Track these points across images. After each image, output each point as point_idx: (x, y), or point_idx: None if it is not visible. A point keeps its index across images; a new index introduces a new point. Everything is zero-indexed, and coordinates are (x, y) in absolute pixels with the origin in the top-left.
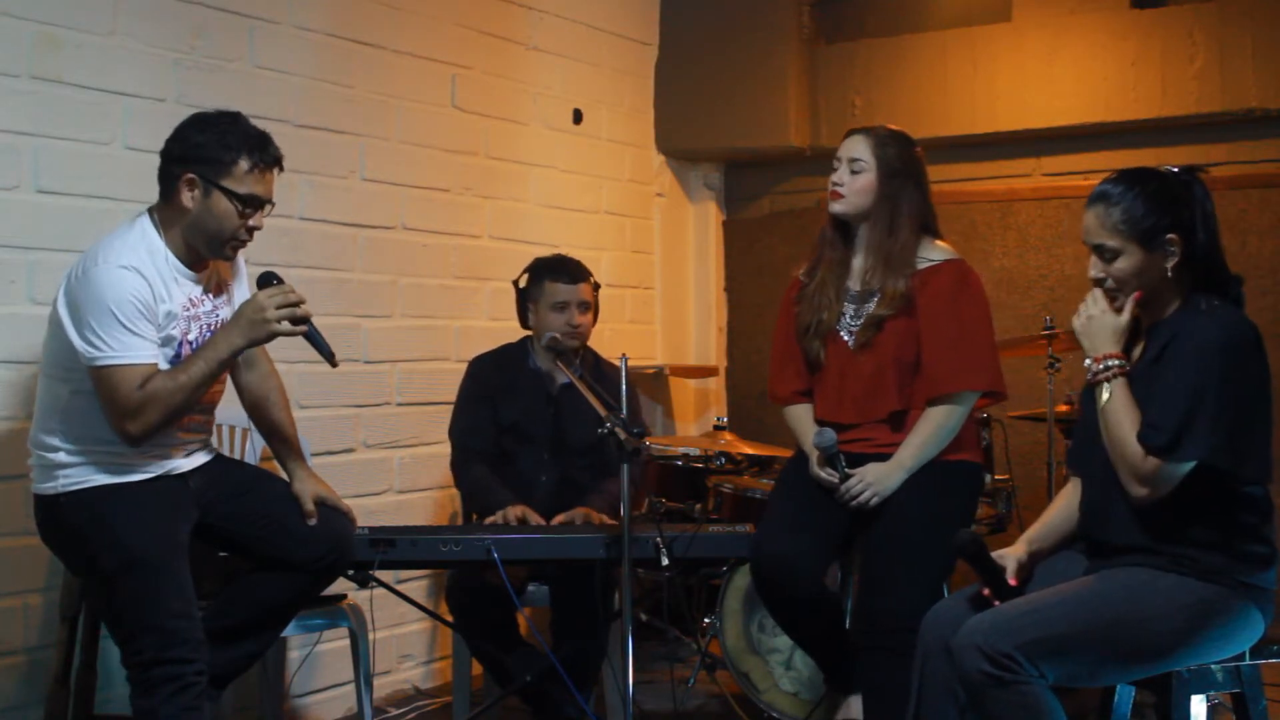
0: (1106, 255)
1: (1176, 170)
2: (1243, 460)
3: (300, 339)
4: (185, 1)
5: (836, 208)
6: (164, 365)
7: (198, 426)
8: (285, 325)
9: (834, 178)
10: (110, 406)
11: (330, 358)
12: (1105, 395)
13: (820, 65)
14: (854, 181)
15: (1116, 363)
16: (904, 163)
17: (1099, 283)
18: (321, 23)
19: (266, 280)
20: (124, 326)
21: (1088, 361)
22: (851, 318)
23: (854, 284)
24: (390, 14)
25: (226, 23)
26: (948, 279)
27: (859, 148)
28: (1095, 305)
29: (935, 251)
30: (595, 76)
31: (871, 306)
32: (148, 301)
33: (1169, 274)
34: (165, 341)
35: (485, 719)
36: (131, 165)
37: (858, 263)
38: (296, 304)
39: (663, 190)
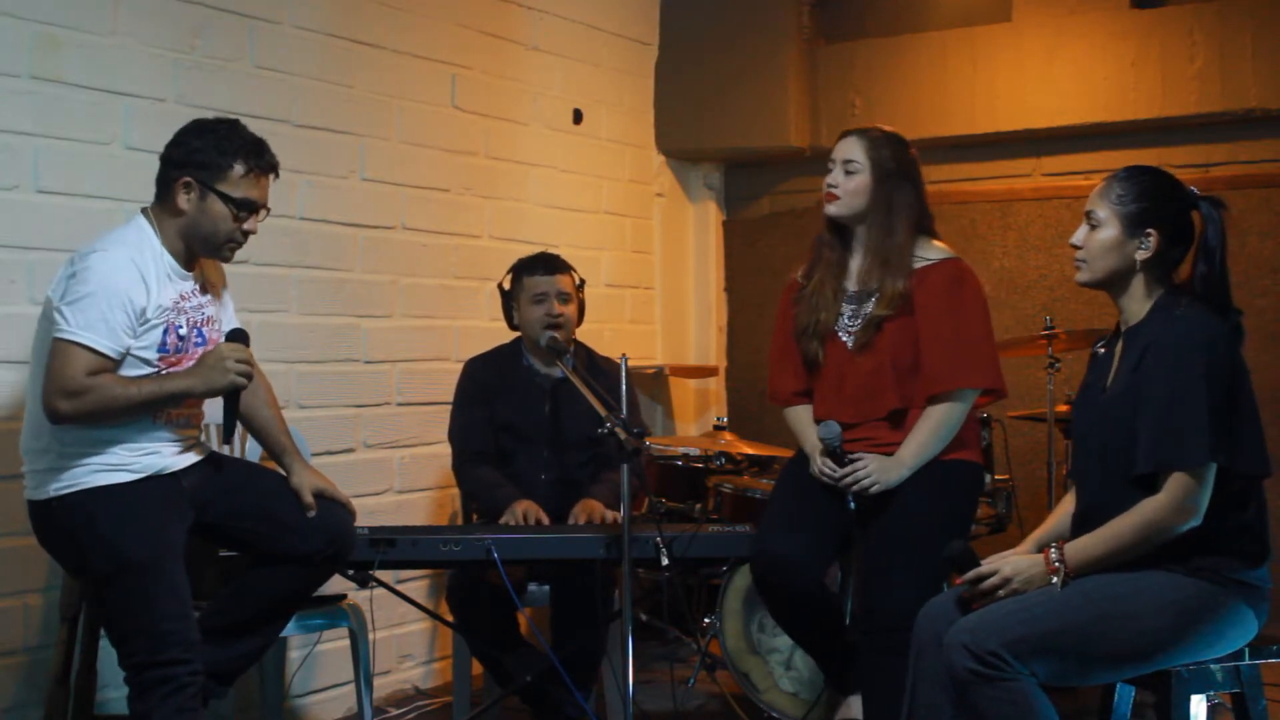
0: (1092, 222)
1: (1198, 192)
2: (1236, 454)
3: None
4: (185, 1)
5: (831, 209)
6: (152, 353)
7: (184, 421)
8: (240, 380)
9: (828, 180)
10: (53, 378)
11: (229, 432)
12: (1064, 572)
13: (820, 65)
14: (848, 183)
15: (1056, 558)
16: (898, 163)
17: (1075, 249)
18: (321, 23)
19: (236, 336)
20: (102, 311)
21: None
22: (850, 319)
23: (851, 285)
24: (390, 14)
25: (226, 23)
26: (944, 277)
27: (853, 149)
28: (1007, 577)
29: (932, 251)
30: (595, 76)
31: (870, 307)
32: (138, 303)
33: (1137, 266)
34: (153, 328)
35: (485, 719)
36: (131, 165)
37: (855, 264)
38: (249, 369)
39: (663, 190)
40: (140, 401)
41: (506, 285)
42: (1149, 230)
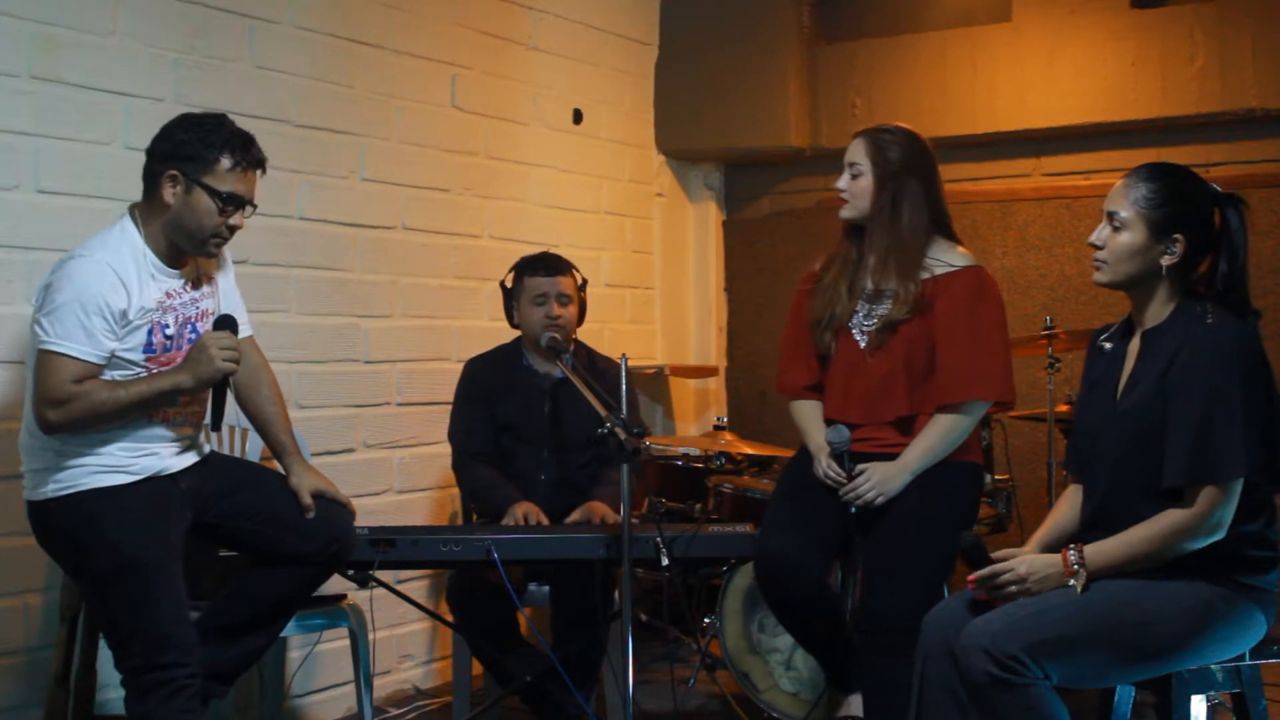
0: (1115, 224)
1: (1220, 190)
2: (1268, 468)
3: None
4: (185, 1)
5: (843, 213)
6: (138, 354)
7: (181, 421)
8: (227, 366)
9: (838, 183)
10: (39, 390)
11: (218, 420)
12: (1085, 575)
13: (820, 65)
14: (854, 186)
15: (1074, 560)
16: (904, 161)
17: (1095, 249)
18: (321, 23)
19: (223, 323)
20: (79, 319)
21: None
22: (865, 317)
23: (868, 283)
24: (390, 14)
25: (226, 23)
26: (966, 286)
27: (857, 151)
28: (1021, 576)
29: (955, 256)
30: (595, 76)
31: (884, 308)
32: (116, 306)
33: (1162, 271)
34: (136, 329)
35: (485, 719)
36: (131, 165)
37: (870, 263)
38: (236, 355)
39: (663, 190)
40: (130, 403)
41: (508, 283)
42: (1176, 235)
